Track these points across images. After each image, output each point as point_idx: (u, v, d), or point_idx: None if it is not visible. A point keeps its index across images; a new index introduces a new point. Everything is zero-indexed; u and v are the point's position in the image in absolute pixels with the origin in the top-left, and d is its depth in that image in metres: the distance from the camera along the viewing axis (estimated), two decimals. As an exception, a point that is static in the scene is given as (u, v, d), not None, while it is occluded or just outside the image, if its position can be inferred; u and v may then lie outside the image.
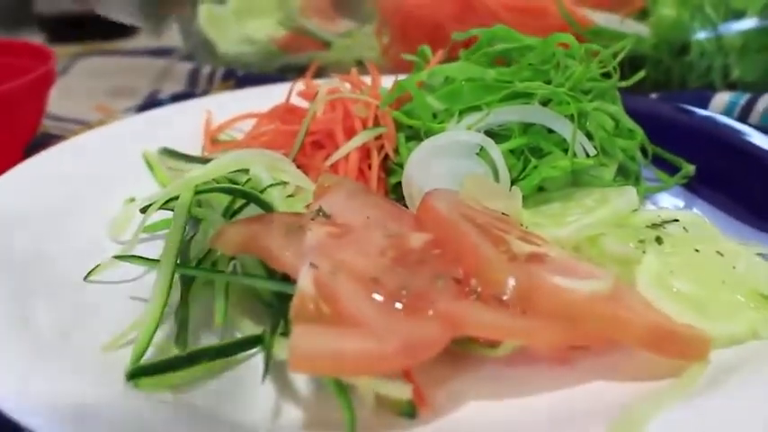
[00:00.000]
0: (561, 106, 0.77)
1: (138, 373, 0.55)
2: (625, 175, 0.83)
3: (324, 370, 0.50)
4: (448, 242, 0.61)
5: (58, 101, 1.33)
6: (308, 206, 0.70)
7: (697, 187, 0.86)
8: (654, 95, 1.07)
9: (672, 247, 0.65)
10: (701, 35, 1.08)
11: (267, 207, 0.71)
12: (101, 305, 0.69)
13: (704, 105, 1.02)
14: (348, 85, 0.91)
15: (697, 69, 1.10)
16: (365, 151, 0.80)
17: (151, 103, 1.27)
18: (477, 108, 0.79)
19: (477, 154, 0.76)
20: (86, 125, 1.21)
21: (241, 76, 1.36)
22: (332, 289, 0.54)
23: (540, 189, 0.78)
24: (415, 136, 0.81)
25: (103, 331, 0.63)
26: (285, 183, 0.75)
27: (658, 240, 0.65)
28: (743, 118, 0.99)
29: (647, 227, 0.69)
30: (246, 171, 0.76)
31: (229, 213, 0.72)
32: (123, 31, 1.83)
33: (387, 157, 0.81)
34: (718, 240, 0.67)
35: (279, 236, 0.62)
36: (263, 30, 1.42)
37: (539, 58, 0.81)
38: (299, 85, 0.98)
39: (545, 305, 0.56)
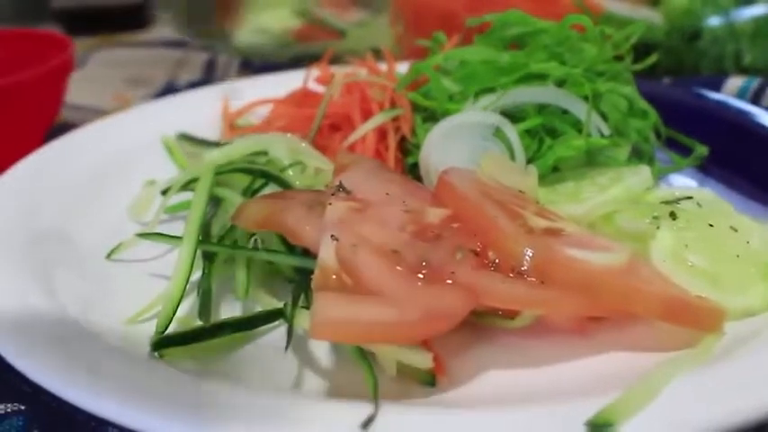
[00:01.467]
0: (576, 87, 0.78)
1: (162, 344, 0.56)
2: (639, 155, 0.83)
3: (345, 337, 0.51)
4: (466, 217, 0.62)
5: (77, 91, 1.35)
6: (327, 185, 0.71)
7: (710, 168, 0.87)
8: (667, 80, 1.08)
9: (686, 222, 0.66)
10: (713, 21, 1.08)
11: (286, 186, 0.72)
12: (123, 283, 0.71)
13: (717, 90, 1.02)
14: (364, 70, 0.92)
15: (709, 55, 1.10)
16: (382, 133, 0.81)
17: (168, 91, 1.28)
18: (492, 90, 0.80)
19: (493, 134, 0.77)
20: (104, 114, 1.22)
21: (257, 66, 1.37)
22: (353, 261, 0.55)
23: (555, 168, 0.79)
24: (432, 117, 0.82)
25: (126, 307, 0.65)
26: (304, 163, 0.76)
27: (672, 216, 0.66)
28: (755, 101, 0.99)
29: (662, 203, 0.69)
30: (265, 153, 0.78)
31: (249, 193, 0.74)
32: (139, 22, 1.84)
33: (403, 138, 0.82)
34: (731, 216, 0.68)
35: (299, 211, 0.63)
36: (278, 20, 1.43)
37: (553, 40, 0.82)
38: (316, 71, 0.99)
39: (562, 276, 0.57)
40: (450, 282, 0.55)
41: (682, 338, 0.58)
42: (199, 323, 0.60)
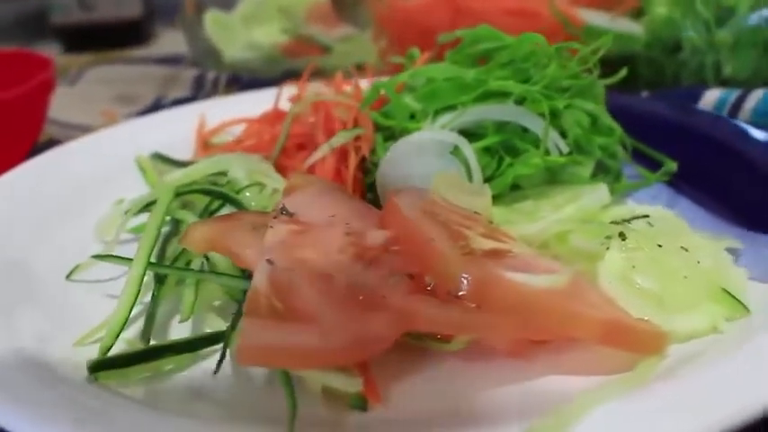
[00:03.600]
0: (534, 104, 0.77)
1: (98, 367, 0.56)
2: (605, 171, 0.83)
3: (270, 362, 0.52)
4: (405, 239, 0.62)
5: (68, 108, 1.37)
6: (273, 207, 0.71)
7: (681, 184, 0.86)
8: (645, 93, 1.07)
9: (635, 243, 0.65)
10: (693, 33, 1.07)
11: (241, 207, 0.73)
12: (84, 304, 0.71)
13: (695, 102, 1.02)
14: (331, 89, 0.93)
15: (689, 67, 1.09)
16: (343, 152, 0.82)
17: (154, 108, 1.29)
18: (453, 107, 0.80)
19: (452, 153, 0.77)
20: (90, 131, 1.24)
21: (245, 82, 1.38)
22: (285, 285, 0.55)
23: (516, 186, 0.79)
24: (393, 136, 0.82)
25: (81, 329, 0.65)
26: (261, 184, 0.76)
27: (622, 236, 0.66)
28: (733, 115, 0.98)
29: (613, 223, 0.69)
30: (225, 174, 0.78)
31: (206, 213, 0.74)
32: (138, 38, 1.86)
33: (365, 157, 0.82)
34: (684, 235, 0.67)
35: (244, 234, 0.64)
36: (269, 36, 1.45)
37: (510, 57, 0.82)
38: (290, 90, 1.00)
39: (498, 300, 0.56)
40: (380, 307, 0.55)
41: (624, 361, 0.57)
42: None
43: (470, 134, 0.79)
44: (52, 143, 1.20)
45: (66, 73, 1.56)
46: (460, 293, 0.56)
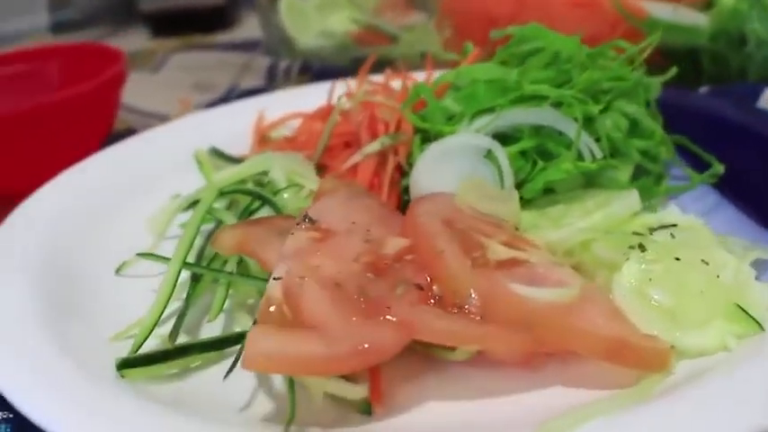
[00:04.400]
0: (569, 108, 0.77)
1: (124, 365, 0.61)
2: (646, 175, 0.82)
3: (275, 369, 0.55)
4: (418, 249, 0.64)
5: (149, 96, 1.44)
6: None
7: (730, 186, 0.84)
8: (705, 88, 1.04)
9: (655, 255, 0.65)
10: (758, 25, 1.03)
11: (277, 208, 0.76)
12: (129, 299, 0.75)
13: (754, 100, 0.99)
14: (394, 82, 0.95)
15: (755, 60, 1.06)
16: (383, 155, 0.83)
17: (226, 97, 1.35)
18: (491, 110, 0.81)
19: (485, 156, 0.78)
20: (167, 120, 1.30)
21: (316, 71, 1.41)
22: (297, 293, 0.58)
23: (550, 190, 0.79)
24: (430, 139, 0.83)
25: (124, 323, 0.70)
26: (300, 185, 0.79)
27: (641, 247, 0.65)
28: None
29: (635, 233, 0.69)
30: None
31: (246, 214, 0.78)
32: (221, 23, 1.92)
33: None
34: (707, 248, 0.66)
35: (270, 239, 0.67)
36: (341, 24, 1.47)
37: (551, 58, 0.82)
38: (343, 85, 1.02)
39: (502, 313, 0.58)
40: (386, 317, 0.57)
41: (630, 375, 0.58)
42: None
43: (507, 137, 0.80)
44: (129, 132, 1.27)
45: (151, 60, 1.64)
46: (466, 306, 0.58)
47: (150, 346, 0.65)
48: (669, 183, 0.86)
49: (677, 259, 0.64)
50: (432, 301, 0.59)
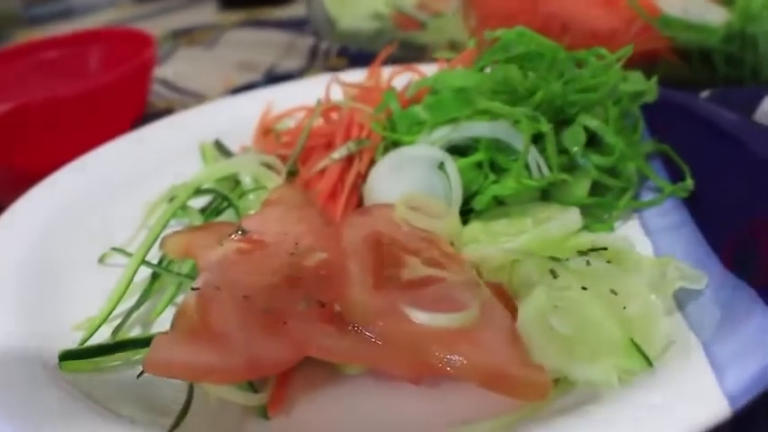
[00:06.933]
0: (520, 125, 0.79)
1: (66, 357, 0.68)
2: (603, 191, 0.83)
3: (173, 375, 0.60)
4: (332, 264, 0.68)
5: (196, 74, 1.51)
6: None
7: (702, 200, 0.83)
8: (706, 92, 1.02)
9: (564, 282, 0.66)
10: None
11: (237, 210, 0.81)
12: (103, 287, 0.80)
13: (756, 105, 0.96)
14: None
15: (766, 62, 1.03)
16: (351, 160, 0.87)
17: (264, 79, 1.41)
18: (454, 120, 0.83)
19: (439, 168, 0.80)
20: (204, 100, 1.38)
21: (352, 55, 1.45)
22: (208, 304, 0.64)
23: (502, 202, 0.81)
24: (392, 147, 0.86)
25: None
26: (266, 188, 0.84)
27: (553, 273, 0.67)
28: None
29: (551, 258, 0.70)
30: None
31: (214, 213, 0.83)
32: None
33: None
34: (621, 277, 0.67)
35: (210, 245, 0.72)
36: (380, 7, 1.49)
37: (545, 64, 0.83)
38: (340, 79, 1.05)
39: (392, 335, 0.61)
40: (280, 332, 0.61)
41: (509, 402, 0.60)
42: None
43: (466, 148, 0.82)
44: (166, 112, 1.35)
45: (208, 36, 1.71)
46: (359, 325, 0.62)
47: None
48: (641, 194, 0.86)
49: (584, 288, 0.65)
50: (332, 318, 0.63)
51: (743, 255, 0.71)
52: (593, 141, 0.83)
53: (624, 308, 0.65)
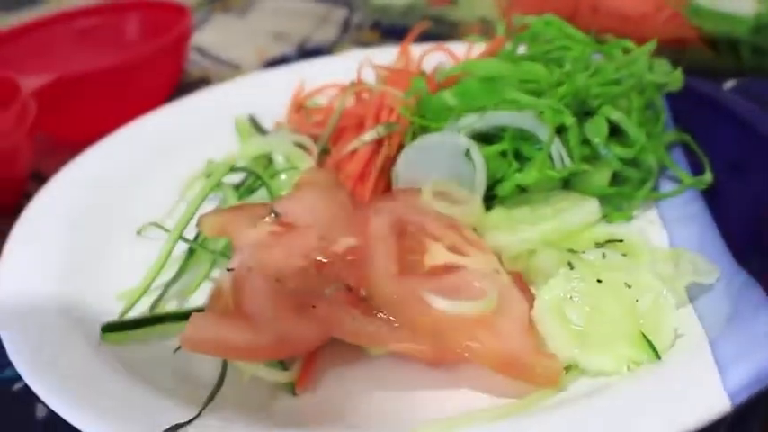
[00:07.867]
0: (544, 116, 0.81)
1: (108, 329, 0.72)
2: (623, 181, 0.85)
3: (207, 351, 0.65)
4: (360, 249, 0.71)
5: (229, 43, 1.54)
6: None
7: (722, 191, 0.85)
8: (731, 82, 1.04)
9: (580, 274, 0.69)
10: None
11: (271, 191, 0.85)
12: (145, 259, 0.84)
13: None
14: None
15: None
16: (380, 143, 0.90)
17: (298, 53, 1.43)
18: (481, 108, 0.86)
19: (465, 155, 0.83)
20: (239, 70, 1.41)
21: (385, 27, 1.47)
22: (241, 285, 0.68)
23: (525, 189, 0.84)
24: (421, 133, 0.89)
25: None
26: (297, 169, 0.88)
27: (570, 265, 0.70)
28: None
29: (569, 250, 0.73)
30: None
31: (247, 192, 0.87)
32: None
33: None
34: (635, 270, 0.70)
35: (244, 225, 0.76)
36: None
37: (573, 55, 0.86)
38: (370, 58, 1.07)
39: (413, 320, 0.65)
40: (308, 313, 0.65)
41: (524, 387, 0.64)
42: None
43: (492, 136, 0.85)
44: (202, 82, 1.38)
45: (239, 1, 1.73)
46: (383, 310, 0.66)
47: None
48: (660, 183, 0.88)
49: (599, 281, 0.69)
50: (358, 303, 0.67)
51: (756, 250, 0.73)
52: (615, 131, 0.85)
53: (636, 300, 0.68)
